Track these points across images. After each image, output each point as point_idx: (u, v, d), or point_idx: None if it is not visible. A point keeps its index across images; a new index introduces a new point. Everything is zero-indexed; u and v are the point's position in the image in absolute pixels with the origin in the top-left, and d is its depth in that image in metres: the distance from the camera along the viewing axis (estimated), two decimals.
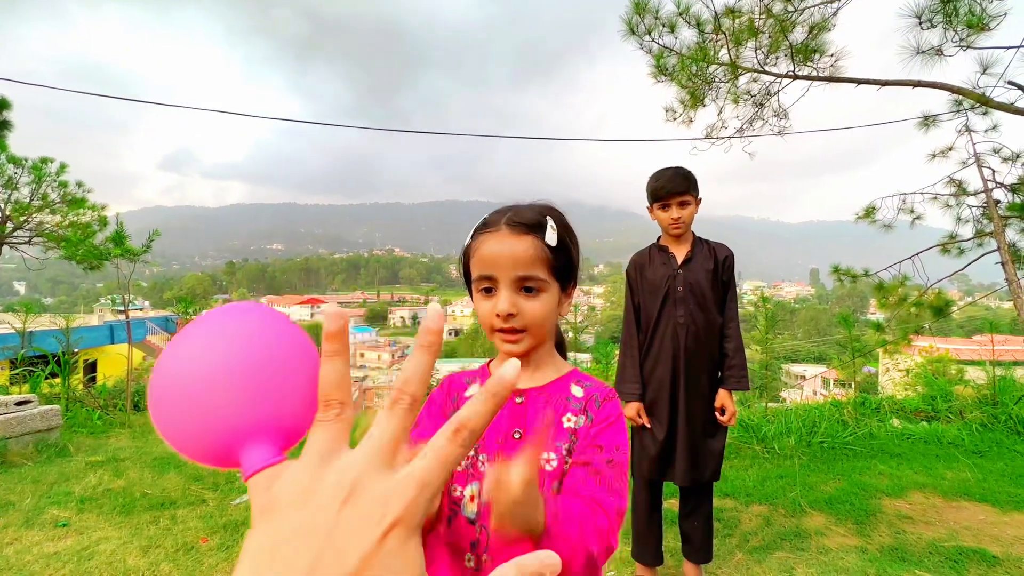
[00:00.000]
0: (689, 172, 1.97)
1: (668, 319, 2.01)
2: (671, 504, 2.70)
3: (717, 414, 2.01)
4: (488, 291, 0.78)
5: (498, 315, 0.76)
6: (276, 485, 0.27)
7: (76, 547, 2.49)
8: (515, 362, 0.29)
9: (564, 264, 0.81)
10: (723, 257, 2.03)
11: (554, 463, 0.75)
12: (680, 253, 2.03)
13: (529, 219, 0.78)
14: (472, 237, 0.82)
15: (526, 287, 0.77)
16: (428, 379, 0.29)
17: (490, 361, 0.94)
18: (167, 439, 0.31)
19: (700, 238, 2.08)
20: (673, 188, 1.94)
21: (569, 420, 0.79)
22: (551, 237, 0.78)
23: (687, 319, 1.98)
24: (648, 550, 2.15)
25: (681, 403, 2.00)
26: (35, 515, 2.87)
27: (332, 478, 0.25)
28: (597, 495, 0.68)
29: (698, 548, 2.13)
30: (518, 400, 0.82)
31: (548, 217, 0.79)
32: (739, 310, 2.07)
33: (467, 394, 0.87)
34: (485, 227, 0.80)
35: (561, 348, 0.92)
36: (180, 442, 0.30)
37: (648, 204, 2.05)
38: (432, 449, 0.26)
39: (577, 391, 0.83)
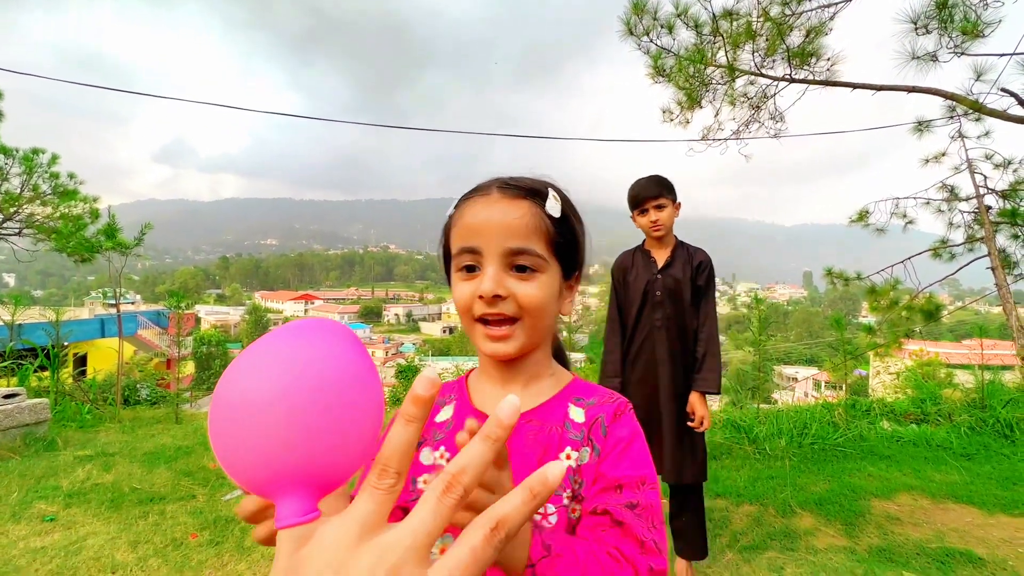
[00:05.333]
0: (664, 178, 2.05)
1: (647, 322, 2.07)
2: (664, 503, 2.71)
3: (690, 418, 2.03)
4: (470, 270, 0.62)
5: (481, 296, 0.60)
6: (306, 548, 0.25)
7: (63, 542, 2.47)
8: (512, 400, 0.26)
9: (568, 243, 0.65)
10: (698, 262, 2.08)
11: (554, 518, 0.58)
12: (661, 257, 2.09)
13: (527, 184, 0.64)
14: (455, 207, 0.66)
15: (519, 265, 0.61)
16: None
17: (469, 372, 0.74)
18: (219, 461, 0.29)
19: (682, 243, 2.12)
20: (647, 193, 2.03)
21: (569, 458, 0.61)
22: (553, 207, 0.63)
23: (664, 322, 2.05)
24: None
25: (657, 403, 2.05)
26: (22, 509, 2.83)
27: (368, 559, 0.23)
28: (622, 547, 0.53)
29: (690, 544, 2.15)
30: None
31: (550, 188, 0.65)
32: (716, 314, 2.09)
33: (438, 419, 0.69)
34: (472, 193, 0.65)
35: (561, 358, 0.74)
36: (226, 467, 0.28)
37: (630, 213, 2.13)
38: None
39: (577, 414, 0.65)
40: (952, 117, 5.12)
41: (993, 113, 4.49)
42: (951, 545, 2.46)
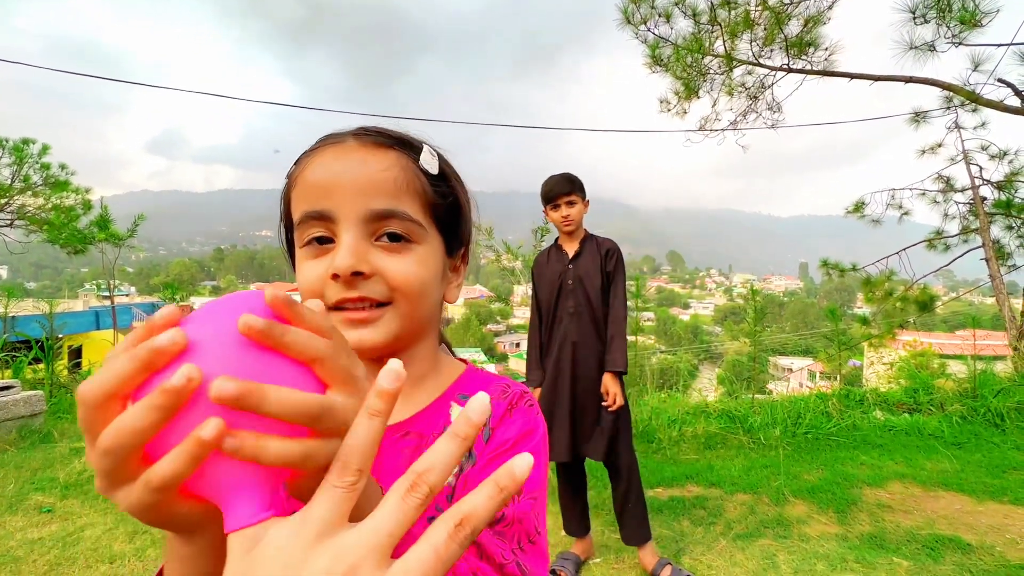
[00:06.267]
0: (574, 176, 2.19)
1: (562, 310, 2.21)
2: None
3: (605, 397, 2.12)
4: (321, 242, 0.47)
5: (336, 275, 0.45)
6: (257, 550, 0.23)
7: (61, 533, 2.47)
8: (483, 397, 0.25)
9: (451, 209, 0.52)
10: (606, 250, 2.20)
11: None
12: (571, 250, 2.23)
13: (395, 133, 0.51)
14: (295, 163, 0.51)
15: (389, 234, 0.47)
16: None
17: None
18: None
19: (591, 235, 2.26)
20: (560, 190, 2.16)
21: None
22: (429, 161, 0.50)
23: (576, 309, 2.18)
24: (572, 522, 2.29)
25: (574, 386, 2.15)
26: (18, 501, 2.84)
27: (324, 560, 0.22)
28: (479, 571, 0.43)
29: (624, 528, 2.21)
30: None
31: (425, 144, 0.52)
32: (626, 298, 2.21)
33: None
34: (319, 143, 0.50)
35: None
36: None
37: (543, 208, 2.26)
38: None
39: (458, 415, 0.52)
40: (949, 108, 5.12)
41: (990, 104, 4.49)
42: (941, 532, 2.50)
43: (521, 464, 0.24)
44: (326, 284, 0.46)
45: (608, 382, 2.08)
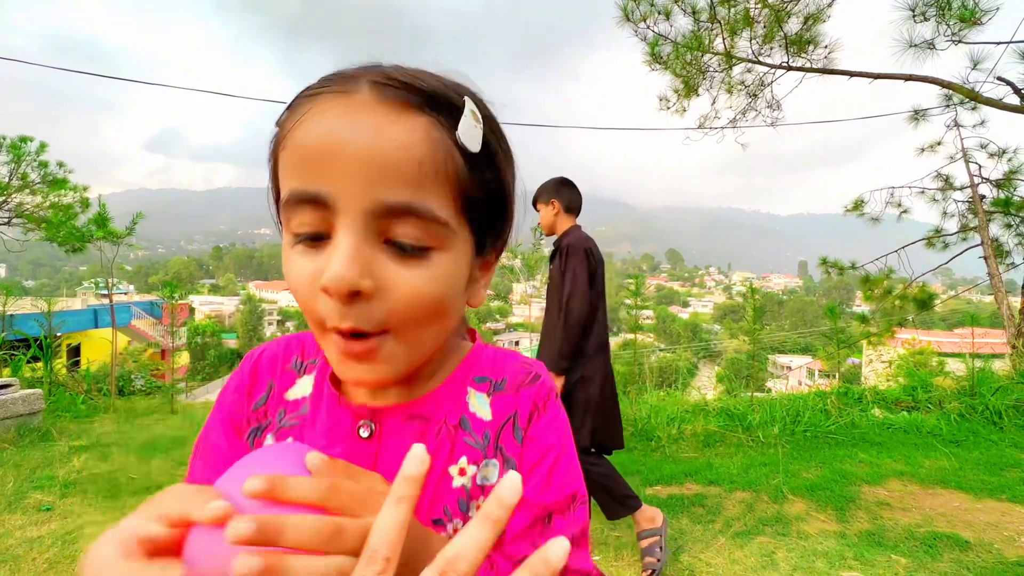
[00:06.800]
0: (543, 183, 2.28)
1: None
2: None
3: None
4: (314, 241, 0.36)
5: (326, 289, 0.34)
6: None
7: (60, 531, 2.47)
8: (515, 477, 0.24)
9: (489, 200, 0.40)
10: (555, 248, 2.22)
11: None
12: None
13: (426, 86, 0.36)
14: (288, 108, 0.38)
15: (398, 243, 0.35)
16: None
17: None
18: None
19: (568, 233, 2.25)
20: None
21: (463, 473, 0.42)
22: (470, 131, 0.37)
23: (547, 305, 2.26)
24: None
25: None
26: (17, 499, 2.83)
27: None
28: None
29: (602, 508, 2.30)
30: (363, 433, 0.43)
31: (466, 97, 0.37)
32: (569, 297, 2.13)
33: (289, 395, 0.48)
34: (324, 86, 0.37)
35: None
36: None
37: None
38: None
39: (480, 406, 0.45)
40: (948, 106, 5.12)
41: (989, 102, 4.50)
42: (939, 529, 2.50)
43: (556, 550, 0.22)
44: (317, 294, 0.35)
45: None
